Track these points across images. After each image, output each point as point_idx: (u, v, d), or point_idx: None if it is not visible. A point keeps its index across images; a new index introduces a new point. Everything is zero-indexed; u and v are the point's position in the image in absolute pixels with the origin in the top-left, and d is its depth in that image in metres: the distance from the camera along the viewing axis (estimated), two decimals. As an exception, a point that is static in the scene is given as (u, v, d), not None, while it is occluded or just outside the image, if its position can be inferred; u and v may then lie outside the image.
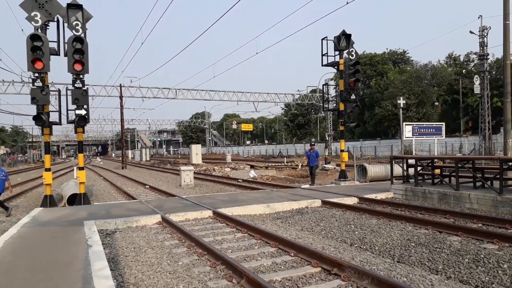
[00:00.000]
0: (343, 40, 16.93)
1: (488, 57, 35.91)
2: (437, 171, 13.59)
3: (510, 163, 10.97)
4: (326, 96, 20.61)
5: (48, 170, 12.65)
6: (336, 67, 17.77)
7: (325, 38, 17.41)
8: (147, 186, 21.14)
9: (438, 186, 12.56)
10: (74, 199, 13.47)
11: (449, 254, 6.31)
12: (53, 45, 12.23)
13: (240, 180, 22.24)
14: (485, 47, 34.71)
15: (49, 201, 12.53)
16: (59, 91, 13.72)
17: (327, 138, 48.68)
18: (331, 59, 17.61)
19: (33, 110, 12.03)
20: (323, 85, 20.71)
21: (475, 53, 48.28)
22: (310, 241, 7.61)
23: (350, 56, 16.99)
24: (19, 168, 51.57)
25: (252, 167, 34.72)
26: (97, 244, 6.81)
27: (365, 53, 61.90)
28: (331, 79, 57.79)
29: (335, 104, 28.44)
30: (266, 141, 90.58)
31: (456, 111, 50.27)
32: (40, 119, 11.74)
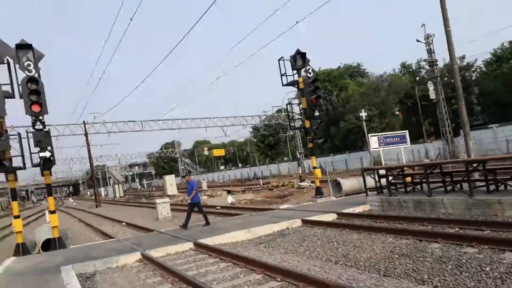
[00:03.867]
0: (299, 58, 17.11)
1: (437, 62, 37.38)
2: (408, 179, 13.86)
3: (475, 164, 11.39)
4: (291, 114, 20.91)
5: (17, 217, 12.21)
6: (296, 86, 17.92)
7: (282, 58, 17.58)
8: (123, 223, 20.58)
9: (412, 194, 12.81)
10: (49, 245, 12.97)
11: (432, 262, 6.43)
12: (7, 87, 11.80)
13: (218, 207, 22.01)
14: (433, 54, 36.13)
15: (22, 249, 12.05)
16: (19, 134, 13.26)
17: (299, 156, 49.16)
18: (290, 78, 17.76)
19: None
20: (286, 104, 21.04)
21: (424, 60, 50.39)
22: (296, 264, 7.60)
23: (308, 74, 17.17)
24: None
25: (229, 192, 34.48)
26: (77, 290, 6.56)
27: (321, 69, 63.21)
28: (294, 98, 58.74)
29: (301, 122, 28.91)
30: (240, 165, 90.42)
31: (416, 117, 51.83)
32: (3, 165, 11.37)
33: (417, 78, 53.19)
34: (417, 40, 36.07)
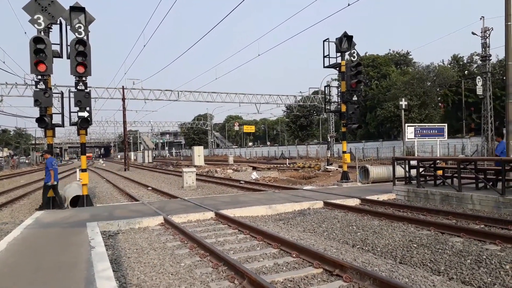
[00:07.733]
0: (345, 41, 16.94)
1: (491, 58, 35.87)
2: (439, 172, 13.57)
3: (512, 164, 10.96)
4: (328, 97, 20.62)
5: (51, 171, 12.66)
6: (338, 68, 17.76)
7: (327, 40, 17.42)
8: (149, 188, 21.17)
9: (440, 187, 12.55)
10: (77, 201, 13.51)
11: (451, 255, 6.31)
12: (56, 47, 12.31)
13: (242, 182, 22.25)
14: (488, 48, 34.71)
15: (52, 203, 12.57)
16: (61, 93, 13.77)
17: (329, 140, 48.61)
18: (333, 61, 17.60)
19: (36, 112, 12.12)
20: (325, 86, 20.71)
21: (477, 54, 48.21)
22: (312, 242, 7.62)
23: (351, 57, 17.02)
24: (22, 170, 51.77)
25: (254, 168, 34.73)
26: (100, 246, 6.84)
27: (367, 54, 61.81)
28: (334, 80, 57.80)
29: (337, 105, 28.39)
30: (268, 143, 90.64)
31: (458, 112, 50.16)
32: (43, 121, 11.80)
33: (466, 72, 51.12)
34: (473, 33, 34.56)
